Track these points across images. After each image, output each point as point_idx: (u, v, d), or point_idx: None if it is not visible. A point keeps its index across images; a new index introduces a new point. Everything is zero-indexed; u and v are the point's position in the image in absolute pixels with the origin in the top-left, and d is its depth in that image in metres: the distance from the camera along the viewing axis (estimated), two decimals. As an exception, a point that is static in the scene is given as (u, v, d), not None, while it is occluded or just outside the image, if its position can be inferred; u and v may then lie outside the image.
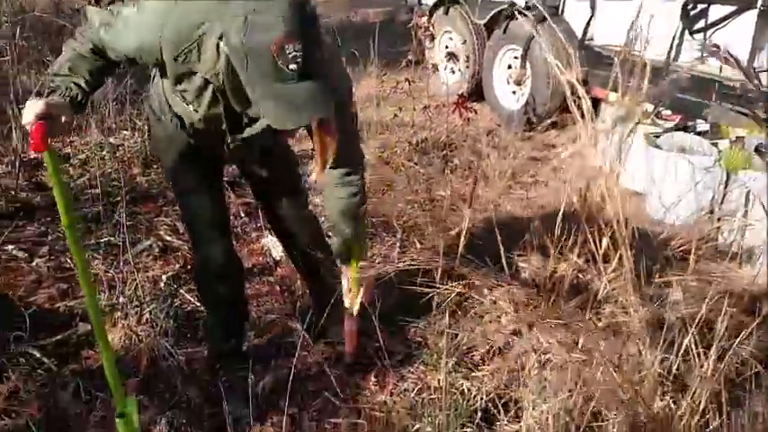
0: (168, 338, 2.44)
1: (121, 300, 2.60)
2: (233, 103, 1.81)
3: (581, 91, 1.94)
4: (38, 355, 2.32)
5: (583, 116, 2.32)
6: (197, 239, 2.27)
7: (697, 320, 1.99)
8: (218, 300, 2.32)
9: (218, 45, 1.65)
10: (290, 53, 1.46)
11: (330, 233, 2.29)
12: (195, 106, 1.89)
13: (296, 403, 2.22)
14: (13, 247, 3.01)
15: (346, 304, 2.28)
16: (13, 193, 3.47)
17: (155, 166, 4.05)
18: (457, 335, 2.44)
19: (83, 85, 1.75)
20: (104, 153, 4.02)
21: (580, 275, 2.91)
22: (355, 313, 2.25)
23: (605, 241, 2.08)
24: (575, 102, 2.27)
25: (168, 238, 3.26)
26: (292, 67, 1.47)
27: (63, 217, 1.65)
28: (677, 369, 2.04)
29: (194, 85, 1.82)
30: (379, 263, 3.20)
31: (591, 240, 2.12)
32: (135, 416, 1.84)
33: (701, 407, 1.86)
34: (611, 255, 2.65)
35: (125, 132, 4.41)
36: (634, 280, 2.00)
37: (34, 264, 2.93)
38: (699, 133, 4.04)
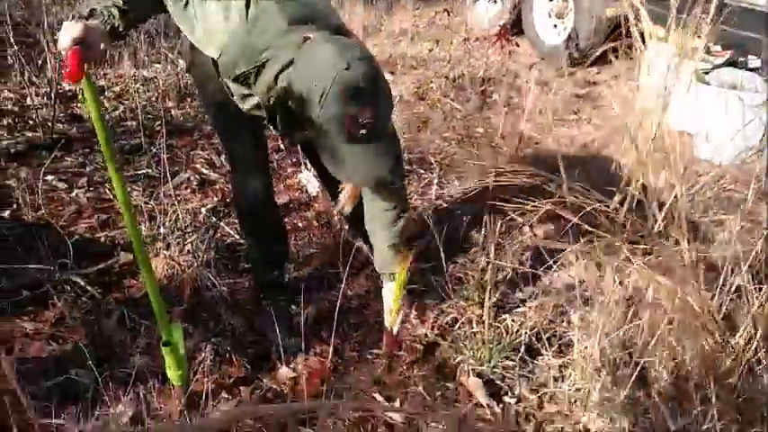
0: (210, 269, 2.45)
1: (162, 230, 2.60)
2: (277, 123, 1.79)
3: (629, 26, 1.84)
4: (82, 283, 2.34)
5: (629, 52, 2.21)
6: (235, 174, 2.25)
7: (749, 260, 1.92)
8: (258, 232, 2.30)
9: (277, 75, 1.63)
10: (362, 121, 1.54)
11: (373, 243, 2.19)
12: (239, 101, 1.86)
13: (338, 334, 2.22)
14: (52, 177, 3.02)
15: (386, 322, 2.16)
16: (50, 124, 3.46)
17: (189, 100, 4.02)
18: (499, 269, 2.39)
19: (123, 12, 1.67)
20: (138, 86, 3.98)
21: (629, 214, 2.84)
22: (395, 332, 2.15)
23: (662, 176, 2.01)
24: (621, 37, 2.15)
25: (205, 171, 3.24)
26: (362, 132, 1.55)
27: (103, 147, 1.62)
28: (727, 309, 1.99)
29: (240, 91, 1.80)
30: (416, 199, 3.17)
31: (643, 178, 2.06)
32: (180, 342, 1.86)
33: (752, 345, 1.82)
34: (667, 193, 2.57)
35: (157, 66, 4.36)
36: (686, 218, 1.93)
37: (74, 194, 2.94)
38: (751, 69, 3.86)
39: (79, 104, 3.84)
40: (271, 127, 1.93)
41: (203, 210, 2.89)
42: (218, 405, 1.92)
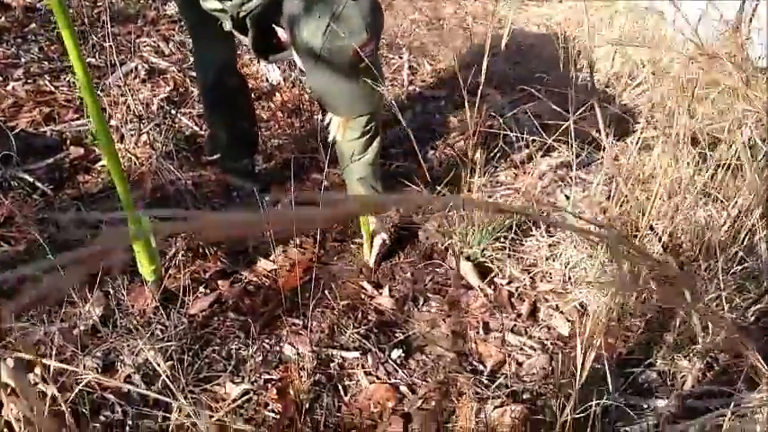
0: (172, 161, 2.25)
1: (114, 122, 2.37)
2: (247, 36, 1.66)
3: None
4: (30, 180, 2.12)
5: None
6: (197, 42, 2.01)
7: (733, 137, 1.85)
8: (225, 108, 2.08)
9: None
10: (366, 55, 1.52)
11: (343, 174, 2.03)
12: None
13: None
14: (-18, 69, 2.71)
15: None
16: (-29, 13, 3.08)
17: (129, -15, 3.63)
18: (486, 152, 2.27)
19: None
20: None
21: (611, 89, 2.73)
22: (372, 264, 1.99)
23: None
24: None
25: (154, 59, 2.96)
26: (363, 65, 1.53)
27: (64, 32, 1.38)
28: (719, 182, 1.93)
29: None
30: (388, 85, 2.98)
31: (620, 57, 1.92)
32: (150, 236, 1.69)
33: (743, 217, 1.77)
34: (647, 74, 2.43)
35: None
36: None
37: (10, 87, 2.64)
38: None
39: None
40: (236, 33, 1.73)
41: (156, 100, 2.64)
42: (195, 300, 1.78)
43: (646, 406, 1.55)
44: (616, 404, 1.47)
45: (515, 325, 1.82)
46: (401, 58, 3.14)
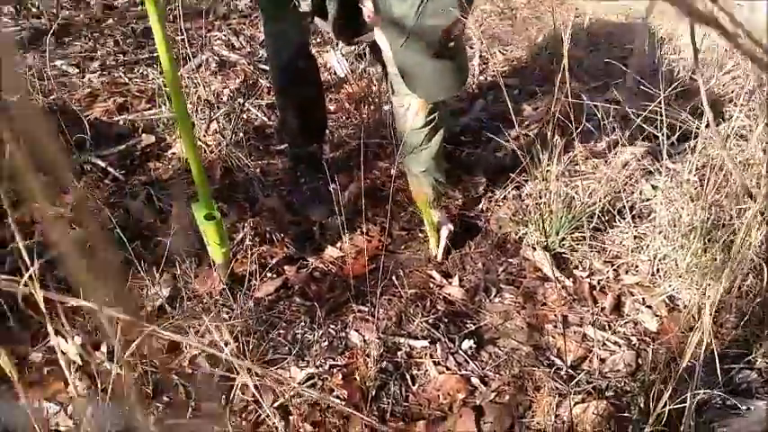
0: (241, 149, 2.23)
1: (184, 111, 2.37)
2: (328, 18, 1.65)
3: None
4: (102, 165, 2.14)
5: None
6: (269, 23, 1.98)
7: None
8: (296, 91, 2.03)
9: None
10: (454, 34, 1.47)
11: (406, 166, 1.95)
12: None
13: (384, 213, 2.02)
14: (62, 62, 2.78)
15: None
16: (54, 11, 3.18)
17: (201, -18, 3.69)
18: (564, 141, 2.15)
19: None
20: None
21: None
22: (440, 257, 1.90)
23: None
24: None
25: (225, 52, 2.97)
26: (451, 45, 1.48)
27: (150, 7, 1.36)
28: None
29: None
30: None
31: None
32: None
33: None
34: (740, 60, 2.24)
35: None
36: None
37: (86, 79, 2.70)
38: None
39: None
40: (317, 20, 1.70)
41: (226, 91, 2.65)
42: (262, 284, 1.74)
43: (745, 407, 1.40)
44: (712, 402, 1.34)
45: (597, 319, 1.70)
46: (471, 48, 3.05)
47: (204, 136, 2.29)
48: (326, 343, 1.59)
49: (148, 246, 1.86)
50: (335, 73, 2.98)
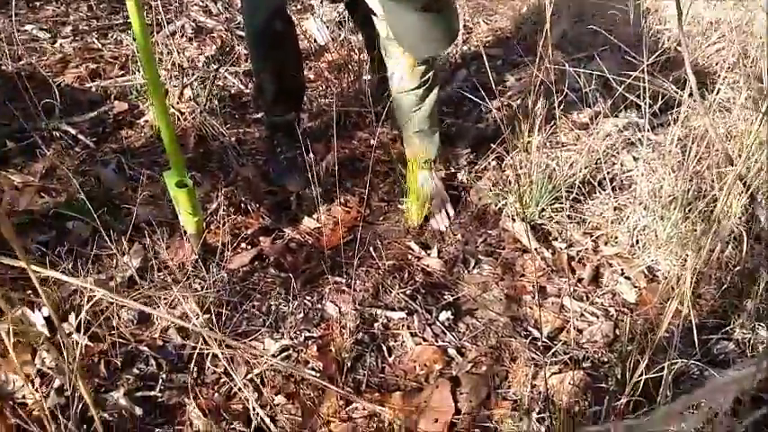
0: (216, 117, 2.18)
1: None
2: None
3: None
4: (73, 132, 2.07)
5: None
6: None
7: None
8: (273, 55, 1.96)
9: None
10: None
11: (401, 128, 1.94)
12: None
13: (363, 184, 1.99)
14: (32, 26, 2.68)
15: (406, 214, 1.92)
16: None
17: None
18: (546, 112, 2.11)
19: None
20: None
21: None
22: (416, 225, 1.88)
23: None
24: None
25: (201, 18, 2.89)
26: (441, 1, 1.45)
27: None
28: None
29: None
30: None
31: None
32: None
33: None
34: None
35: None
36: None
37: (58, 45, 2.61)
38: None
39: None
40: None
41: (201, 57, 2.58)
42: (236, 254, 1.70)
43: (723, 377, 1.39)
44: (690, 372, 1.33)
45: (575, 290, 1.68)
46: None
47: (177, 103, 2.23)
48: (302, 315, 1.56)
49: (119, 215, 1.81)
50: (315, 40, 2.92)
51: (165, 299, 1.55)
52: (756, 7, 2.48)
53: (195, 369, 1.41)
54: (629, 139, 2.14)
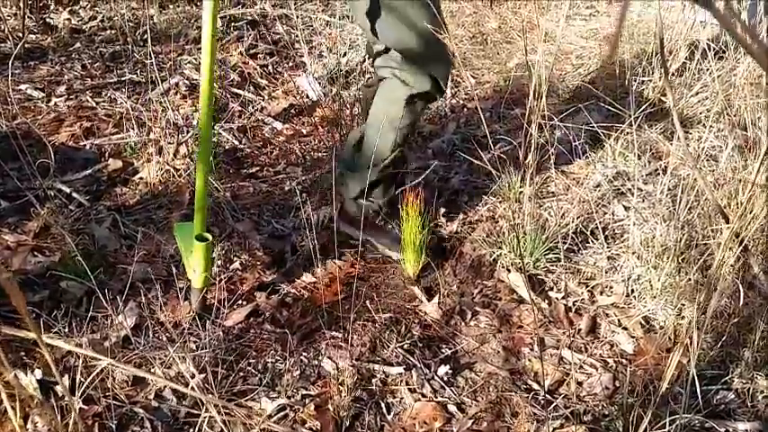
0: (210, 173, 2.19)
1: (152, 136, 2.33)
2: None
3: None
4: (67, 191, 2.08)
5: None
6: None
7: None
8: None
9: None
10: None
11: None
12: None
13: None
14: (27, 86, 2.72)
15: None
16: (20, 34, 3.13)
17: (171, 6, 3.66)
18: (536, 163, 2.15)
19: None
20: (115, -7, 3.62)
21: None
22: (412, 276, 1.90)
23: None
24: None
25: (195, 76, 2.94)
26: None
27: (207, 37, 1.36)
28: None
29: None
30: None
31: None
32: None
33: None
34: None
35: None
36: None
37: (52, 103, 2.65)
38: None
39: (53, 15, 3.49)
40: None
41: (196, 115, 2.61)
42: (231, 311, 1.69)
43: (724, 429, 1.38)
44: (692, 425, 1.32)
45: (573, 341, 1.68)
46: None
47: (173, 160, 2.24)
48: (298, 372, 1.55)
49: (114, 274, 1.80)
50: (308, 96, 2.97)
51: (160, 359, 1.53)
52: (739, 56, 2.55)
53: (191, 431, 1.38)
54: (619, 188, 2.18)
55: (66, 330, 1.58)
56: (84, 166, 2.25)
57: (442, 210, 2.09)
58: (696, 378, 1.47)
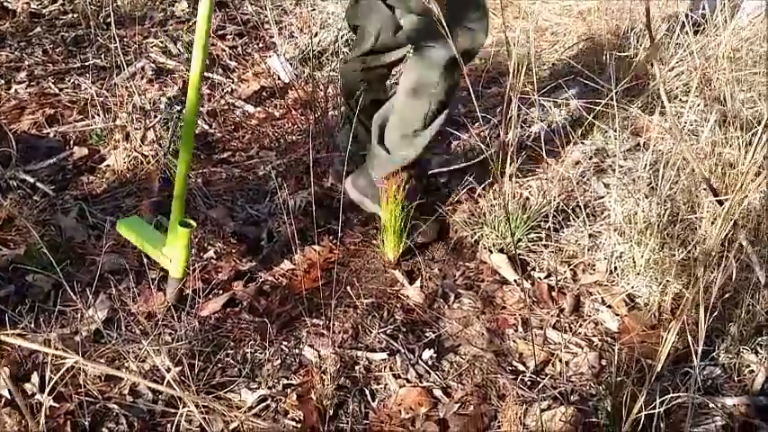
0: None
1: (118, 122, 2.24)
2: None
3: None
4: (31, 181, 1.99)
5: None
6: None
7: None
8: None
9: None
10: None
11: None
12: None
13: (336, 220, 1.94)
14: (-16, 73, 2.60)
15: None
16: (-24, 19, 3.00)
17: (136, -12, 3.54)
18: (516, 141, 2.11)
19: None
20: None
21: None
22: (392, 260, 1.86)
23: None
24: None
25: (161, 59, 2.84)
26: None
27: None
28: None
29: None
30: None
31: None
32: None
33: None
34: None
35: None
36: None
37: (12, 91, 2.53)
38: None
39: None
40: None
41: (163, 99, 2.52)
42: (207, 301, 1.64)
43: (712, 405, 1.37)
44: (681, 402, 1.30)
45: (558, 321, 1.65)
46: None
47: (140, 146, 2.16)
48: (279, 361, 1.50)
49: (82, 265, 1.73)
50: (279, 77, 2.89)
51: (134, 352, 1.47)
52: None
53: (168, 426, 1.33)
54: (599, 165, 2.16)
55: (33, 326, 1.51)
56: (48, 154, 2.16)
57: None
58: (681, 355, 1.46)
